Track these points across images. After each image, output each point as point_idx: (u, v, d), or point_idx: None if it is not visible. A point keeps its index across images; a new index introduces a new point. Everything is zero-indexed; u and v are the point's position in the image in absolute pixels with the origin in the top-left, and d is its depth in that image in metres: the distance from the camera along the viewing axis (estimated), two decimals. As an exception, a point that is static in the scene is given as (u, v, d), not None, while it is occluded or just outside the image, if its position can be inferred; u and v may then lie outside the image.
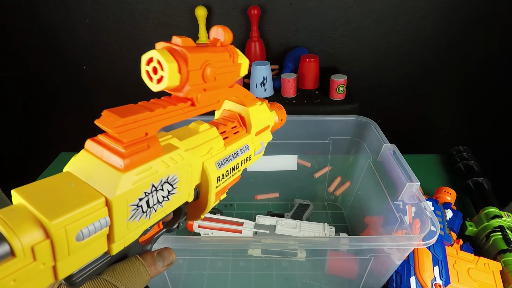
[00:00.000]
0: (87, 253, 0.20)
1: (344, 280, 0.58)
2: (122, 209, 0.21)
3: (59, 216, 0.18)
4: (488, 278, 0.54)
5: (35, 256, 0.17)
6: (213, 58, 0.27)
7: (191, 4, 1.21)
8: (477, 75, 1.37)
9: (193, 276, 0.59)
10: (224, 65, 0.28)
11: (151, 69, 0.24)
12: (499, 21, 1.25)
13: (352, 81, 1.33)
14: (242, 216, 0.71)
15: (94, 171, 0.21)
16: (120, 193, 0.20)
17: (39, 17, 1.27)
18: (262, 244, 0.51)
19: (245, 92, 0.35)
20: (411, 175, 0.53)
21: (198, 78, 0.26)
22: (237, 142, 0.33)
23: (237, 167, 0.33)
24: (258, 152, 0.37)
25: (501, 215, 0.66)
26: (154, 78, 0.24)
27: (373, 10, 1.24)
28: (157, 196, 0.23)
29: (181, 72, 0.24)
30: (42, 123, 1.52)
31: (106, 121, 0.21)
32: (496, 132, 1.50)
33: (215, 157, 0.30)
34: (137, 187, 0.22)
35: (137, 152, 0.22)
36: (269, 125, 0.39)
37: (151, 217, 0.24)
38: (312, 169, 0.80)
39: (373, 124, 0.68)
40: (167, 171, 0.24)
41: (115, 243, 0.21)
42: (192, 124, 0.31)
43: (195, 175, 0.28)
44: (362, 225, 0.70)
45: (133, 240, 0.23)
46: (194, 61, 0.25)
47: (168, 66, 0.23)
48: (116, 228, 0.21)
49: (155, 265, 0.26)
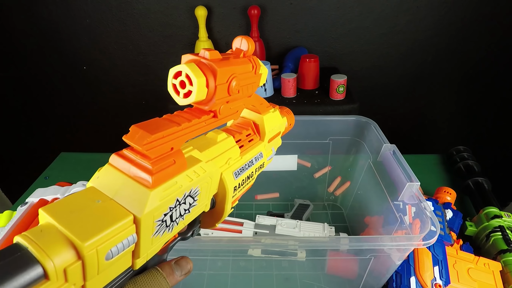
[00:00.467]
0: (113, 270, 0.20)
1: (344, 280, 0.58)
2: (149, 226, 0.21)
3: (91, 237, 0.18)
4: (488, 278, 0.54)
5: (67, 277, 0.17)
6: (238, 71, 0.27)
7: (191, 4, 1.21)
8: (477, 75, 1.37)
9: (193, 276, 0.59)
10: (247, 76, 0.29)
11: (179, 83, 0.24)
12: (499, 21, 1.25)
13: (352, 81, 1.33)
14: (242, 216, 0.71)
15: (121, 187, 0.21)
16: (149, 211, 0.20)
17: (39, 17, 1.27)
18: (262, 244, 0.51)
19: (260, 100, 0.35)
20: (411, 175, 0.53)
21: (224, 92, 0.26)
22: (252, 151, 0.33)
23: (251, 176, 0.33)
24: (269, 158, 0.37)
25: (501, 215, 0.66)
26: (181, 92, 0.24)
27: (373, 10, 1.24)
28: (179, 210, 0.23)
29: (208, 86, 0.24)
30: (42, 123, 1.53)
31: (135, 138, 0.21)
32: (496, 132, 1.50)
33: (232, 166, 0.30)
34: (163, 203, 0.21)
35: (164, 168, 0.22)
36: (280, 131, 0.39)
37: (173, 230, 0.24)
38: (312, 169, 0.80)
39: (373, 124, 0.68)
40: (191, 185, 0.24)
41: (140, 258, 0.21)
42: (210, 134, 0.31)
43: (213, 185, 0.28)
44: (362, 225, 0.70)
45: (154, 253, 0.23)
46: (222, 75, 0.25)
47: (198, 81, 0.23)
48: (142, 244, 0.21)
49: (174, 275, 0.26)
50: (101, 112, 1.48)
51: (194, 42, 1.25)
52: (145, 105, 1.44)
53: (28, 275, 0.16)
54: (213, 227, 0.31)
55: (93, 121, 1.50)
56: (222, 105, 0.27)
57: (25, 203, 0.62)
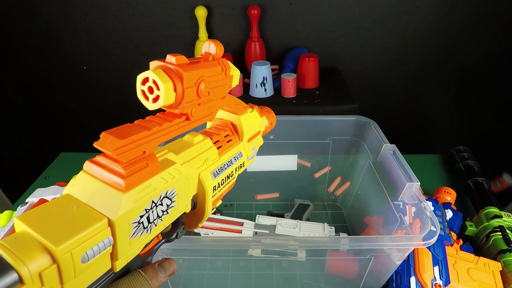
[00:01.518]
0: (92, 273, 0.20)
1: (344, 280, 0.58)
2: (125, 228, 0.21)
3: (64, 241, 0.18)
4: (488, 278, 0.54)
5: (43, 281, 0.17)
6: (207, 74, 0.27)
7: (191, 4, 1.21)
8: (477, 75, 1.37)
9: (193, 276, 0.59)
10: (217, 79, 0.29)
11: (147, 89, 0.25)
12: (499, 21, 1.25)
13: (352, 81, 1.33)
14: (242, 216, 0.71)
15: (95, 193, 0.21)
16: (122, 213, 0.21)
17: (39, 17, 1.27)
18: (262, 244, 0.51)
19: (236, 101, 0.36)
20: (411, 175, 0.53)
21: (193, 95, 0.26)
22: (230, 151, 0.33)
23: (231, 175, 0.33)
24: (250, 157, 0.38)
25: (501, 215, 0.66)
26: (150, 97, 0.25)
27: (373, 10, 1.23)
28: (156, 212, 0.24)
29: (176, 90, 0.25)
30: (42, 123, 1.52)
31: (105, 144, 0.21)
32: (496, 132, 1.50)
33: (210, 167, 0.30)
34: (138, 205, 0.22)
35: (137, 172, 0.22)
36: (260, 131, 0.39)
37: (152, 232, 0.24)
38: (312, 169, 0.80)
39: (373, 124, 0.68)
40: (166, 187, 0.24)
41: (119, 260, 0.22)
42: (186, 136, 0.31)
43: (192, 186, 0.28)
44: (362, 225, 0.70)
45: (135, 255, 0.23)
46: (189, 79, 0.25)
47: (164, 86, 0.24)
48: (119, 246, 0.21)
49: (157, 277, 0.26)
50: (101, 112, 1.48)
51: (194, 42, 1.25)
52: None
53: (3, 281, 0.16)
54: (196, 228, 0.32)
55: (93, 121, 1.50)
56: (193, 108, 0.27)
57: (25, 203, 0.62)
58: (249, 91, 1.11)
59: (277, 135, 0.74)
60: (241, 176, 0.77)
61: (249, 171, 0.79)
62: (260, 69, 1.04)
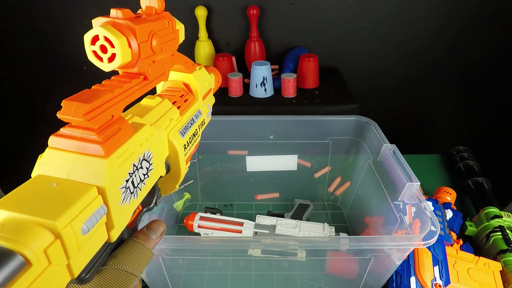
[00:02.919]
0: (92, 244, 0.20)
1: (344, 280, 0.58)
2: (115, 194, 0.21)
3: (61, 214, 0.17)
4: (488, 278, 0.54)
5: (50, 259, 0.17)
6: (157, 27, 0.26)
7: (191, 4, 1.21)
8: (477, 75, 1.37)
9: (193, 276, 0.59)
10: (166, 33, 0.28)
11: (99, 49, 0.23)
12: (499, 21, 1.25)
13: (352, 81, 1.32)
14: (242, 216, 0.71)
15: (72, 166, 0.20)
16: (110, 179, 0.20)
17: (39, 17, 1.27)
18: (262, 244, 0.51)
19: (184, 58, 0.34)
20: (411, 175, 0.53)
21: (148, 50, 0.25)
22: (190, 109, 0.34)
23: (196, 133, 0.34)
24: (207, 115, 0.38)
25: (501, 215, 0.66)
26: (105, 57, 0.23)
27: (373, 10, 1.23)
28: (139, 175, 0.24)
29: (131, 46, 0.23)
30: (42, 123, 1.53)
31: (71, 111, 0.20)
32: (496, 132, 1.50)
33: (176, 127, 0.30)
34: (121, 169, 0.21)
35: (111, 136, 0.21)
36: (211, 88, 0.39)
37: (138, 196, 0.24)
38: (312, 169, 0.80)
39: (373, 124, 0.68)
40: (142, 149, 0.24)
41: (115, 228, 0.21)
42: (144, 100, 0.30)
43: (163, 148, 0.28)
44: (362, 225, 0.70)
45: (127, 222, 0.23)
46: (142, 33, 0.24)
47: (119, 42, 0.22)
48: (113, 213, 0.21)
49: (150, 239, 0.27)
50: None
51: (194, 42, 1.25)
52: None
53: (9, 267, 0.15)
54: (173, 190, 0.32)
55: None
56: (149, 66, 0.26)
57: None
58: (249, 91, 1.11)
59: (277, 135, 0.74)
60: (241, 176, 0.78)
61: (249, 171, 0.79)
62: (260, 69, 1.04)
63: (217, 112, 1.02)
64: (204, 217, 0.69)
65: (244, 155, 0.77)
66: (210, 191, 0.82)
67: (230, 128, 0.74)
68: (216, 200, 0.83)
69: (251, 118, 0.73)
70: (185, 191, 0.82)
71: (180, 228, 0.75)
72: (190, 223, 0.68)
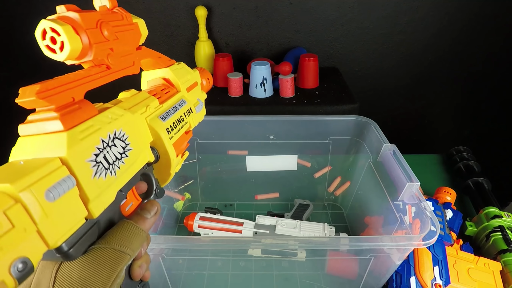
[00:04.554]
0: (67, 215, 0.20)
1: (344, 280, 0.58)
2: (81, 166, 0.21)
3: (19, 179, 0.18)
4: (488, 278, 0.54)
5: (11, 221, 0.17)
6: (106, 18, 0.27)
7: (191, 4, 1.21)
8: (477, 75, 1.37)
9: (193, 276, 0.59)
10: (119, 23, 0.28)
11: (50, 41, 0.24)
12: (500, 21, 1.25)
13: (352, 81, 1.32)
14: (242, 216, 0.71)
15: (37, 146, 0.21)
16: (71, 149, 0.20)
17: (39, 17, 1.26)
18: (262, 244, 0.51)
19: (158, 54, 0.36)
20: (411, 175, 0.53)
21: (98, 36, 0.26)
22: (172, 99, 0.34)
23: (182, 119, 0.34)
24: (198, 108, 0.38)
25: (501, 215, 0.66)
26: (56, 47, 0.24)
27: (373, 10, 1.23)
28: (113, 153, 0.24)
29: (78, 33, 0.24)
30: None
31: (26, 93, 0.21)
32: (496, 132, 1.50)
33: (155, 113, 0.30)
34: (86, 142, 0.22)
35: (71, 112, 0.22)
36: (196, 82, 0.40)
37: (117, 174, 0.24)
38: (312, 169, 0.80)
39: (373, 124, 0.68)
40: (112, 126, 0.24)
41: (91, 202, 0.22)
42: (120, 94, 0.31)
43: (143, 132, 0.28)
44: (362, 225, 0.70)
45: (110, 201, 0.23)
46: (86, 20, 0.25)
47: (63, 28, 0.23)
48: (84, 185, 0.21)
49: (143, 219, 0.27)
50: (101, 112, 1.48)
51: (194, 42, 1.25)
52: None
53: None
54: (170, 178, 0.33)
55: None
56: (107, 54, 0.27)
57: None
58: (248, 91, 1.11)
59: (277, 135, 0.74)
60: (241, 176, 0.78)
61: (249, 171, 0.79)
62: (259, 69, 1.04)
63: (217, 112, 1.03)
64: (204, 217, 0.69)
65: (244, 155, 0.77)
66: (210, 191, 0.82)
67: (230, 128, 0.74)
68: (216, 200, 0.83)
69: (251, 118, 0.73)
70: (185, 191, 0.82)
71: (180, 228, 0.75)
72: (190, 223, 0.68)
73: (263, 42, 1.30)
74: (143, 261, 0.27)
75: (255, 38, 1.30)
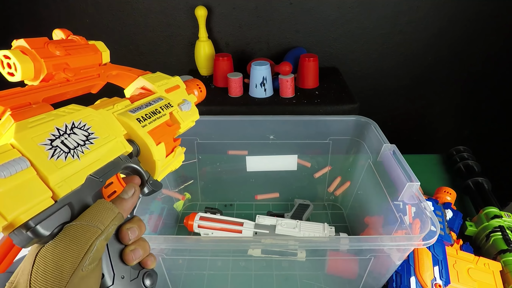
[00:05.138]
0: (27, 192, 0.21)
1: (344, 280, 0.58)
2: (34, 148, 0.22)
3: None
4: (488, 278, 0.54)
5: None
6: (55, 41, 0.31)
7: (191, 4, 1.21)
8: (477, 75, 1.37)
9: (193, 276, 0.59)
10: (71, 44, 0.32)
11: (7, 66, 0.28)
12: (500, 21, 1.25)
13: (352, 81, 1.32)
14: (242, 216, 0.71)
15: None
16: (19, 134, 0.22)
17: (39, 17, 1.27)
18: (262, 244, 0.51)
19: (127, 68, 0.39)
20: (411, 175, 0.53)
21: (47, 53, 0.29)
22: (145, 98, 0.35)
23: (158, 111, 0.35)
24: (184, 107, 0.39)
25: (501, 215, 0.66)
26: (12, 70, 0.28)
27: (373, 10, 1.23)
28: (73, 140, 0.25)
29: (25, 52, 0.28)
30: None
31: None
32: (496, 132, 1.50)
33: (124, 109, 0.32)
34: (37, 129, 0.23)
35: (24, 111, 0.24)
36: (179, 85, 0.41)
37: (81, 158, 0.25)
38: (312, 169, 0.80)
39: (373, 124, 0.68)
40: (68, 118, 0.26)
41: (51, 181, 0.22)
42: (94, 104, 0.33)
43: (111, 124, 0.29)
44: (362, 225, 0.70)
45: (78, 183, 0.24)
46: (32, 43, 0.29)
47: (11, 52, 0.27)
48: (40, 165, 0.22)
49: (120, 199, 0.27)
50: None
51: (194, 42, 1.25)
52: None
53: None
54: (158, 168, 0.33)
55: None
56: (64, 67, 0.30)
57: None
58: (248, 91, 1.11)
59: (277, 135, 0.74)
60: (241, 176, 0.78)
61: (249, 171, 0.79)
62: (259, 69, 1.04)
63: (217, 112, 1.03)
64: (204, 217, 0.69)
65: (244, 155, 0.77)
66: (210, 191, 0.82)
67: (230, 128, 0.74)
68: (216, 200, 0.83)
69: (251, 118, 0.73)
70: (185, 191, 0.82)
71: (180, 228, 0.75)
72: (190, 223, 0.68)
73: (263, 42, 1.30)
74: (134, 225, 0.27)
75: (255, 38, 1.30)
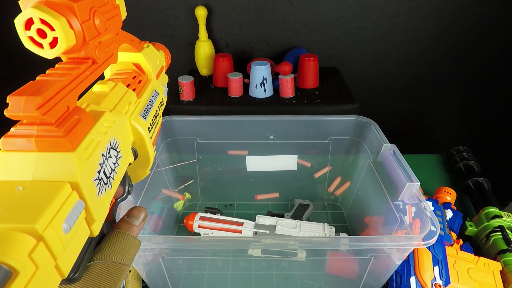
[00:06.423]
0: (76, 241, 0.19)
1: (344, 280, 0.58)
2: (90, 187, 0.20)
3: (39, 216, 0.16)
4: (488, 278, 0.54)
5: (36, 263, 0.16)
6: (96, 3, 0.23)
7: (191, 4, 1.21)
8: (477, 75, 1.37)
9: (193, 276, 0.59)
10: (107, 9, 0.25)
11: (36, 34, 0.20)
12: (499, 21, 1.25)
13: (352, 81, 1.33)
14: (242, 216, 0.71)
15: (36, 165, 0.19)
16: (82, 172, 0.19)
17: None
18: (262, 244, 0.51)
19: (130, 36, 0.32)
20: (411, 175, 0.53)
21: (92, 31, 0.22)
22: (146, 90, 0.32)
23: (157, 114, 0.33)
24: (164, 94, 0.37)
25: (501, 215, 0.66)
26: (45, 42, 0.20)
27: (373, 10, 1.24)
28: (109, 165, 0.23)
29: (73, 27, 0.21)
30: None
31: (21, 107, 0.18)
32: (496, 132, 1.50)
33: (136, 110, 0.29)
34: (91, 160, 0.20)
35: (73, 128, 0.20)
36: (162, 66, 0.38)
37: (113, 186, 0.23)
38: (312, 169, 0.80)
39: (373, 124, 0.68)
40: (108, 137, 0.23)
41: (95, 222, 0.21)
42: (95, 87, 0.28)
43: (128, 134, 0.27)
44: (362, 225, 0.70)
45: (106, 214, 0.22)
46: (82, 11, 0.21)
47: (59, 23, 0.19)
48: (92, 207, 0.20)
49: (132, 226, 0.26)
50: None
51: (194, 42, 1.25)
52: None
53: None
54: (145, 175, 0.32)
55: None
56: (96, 48, 0.23)
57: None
58: (248, 91, 1.11)
59: (277, 135, 0.74)
60: (241, 176, 0.78)
61: (249, 171, 0.79)
62: (260, 69, 1.04)
63: (217, 112, 1.03)
64: (204, 217, 0.69)
65: (244, 155, 0.77)
66: (210, 191, 0.82)
67: (230, 128, 0.74)
68: (216, 200, 0.83)
69: (251, 118, 0.73)
70: (185, 191, 0.82)
71: (180, 228, 0.75)
72: (190, 223, 0.68)
73: (263, 42, 1.31)
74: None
75: (255, 38, 1.30)
